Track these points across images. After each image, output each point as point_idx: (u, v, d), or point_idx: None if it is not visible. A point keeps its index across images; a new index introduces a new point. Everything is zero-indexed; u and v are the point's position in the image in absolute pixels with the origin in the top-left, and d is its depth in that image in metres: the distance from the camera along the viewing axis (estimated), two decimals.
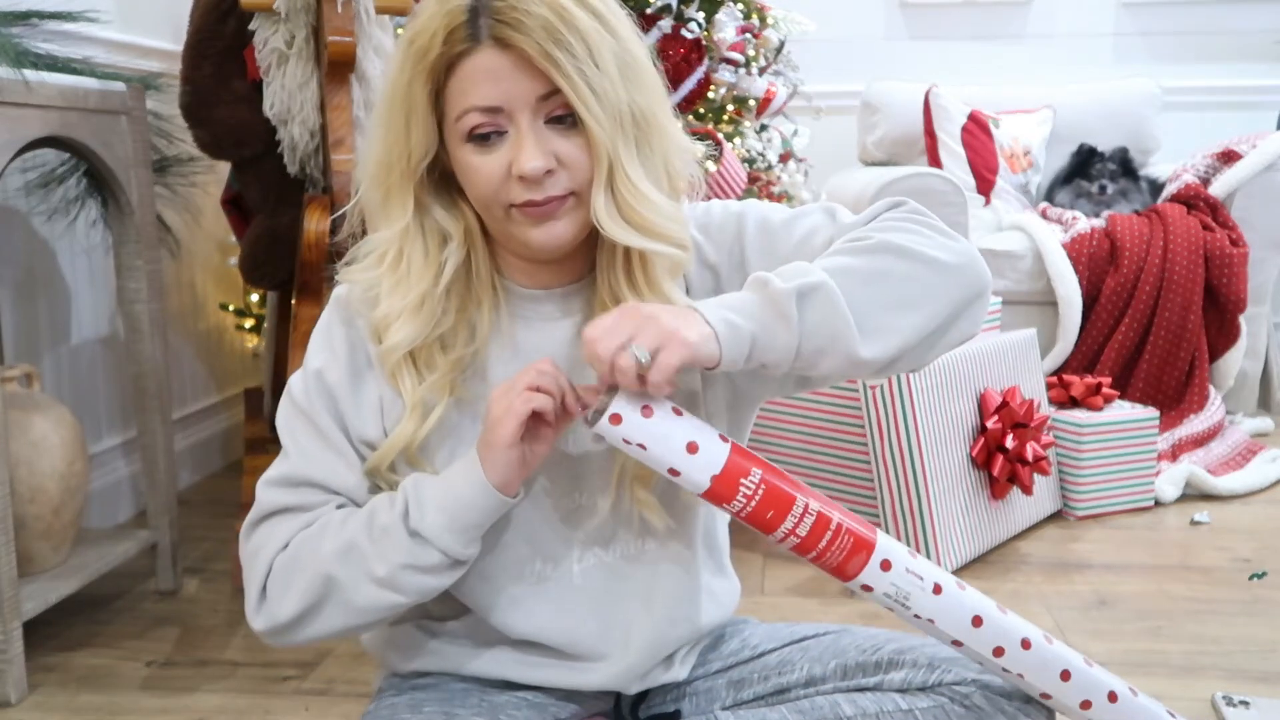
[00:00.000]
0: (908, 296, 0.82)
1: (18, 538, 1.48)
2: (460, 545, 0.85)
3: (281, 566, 0.88)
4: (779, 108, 2.51)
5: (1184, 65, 3.38)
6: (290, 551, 0.88)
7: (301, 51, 1.73)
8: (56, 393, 1.97)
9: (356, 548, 0.86)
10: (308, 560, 0.87)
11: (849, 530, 0.82)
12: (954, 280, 0.84)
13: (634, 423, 0.79)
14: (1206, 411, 2.56)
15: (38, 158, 1.85)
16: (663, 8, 2.22)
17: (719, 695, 1.01)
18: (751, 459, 0.82)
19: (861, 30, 3.47)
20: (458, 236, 0.89)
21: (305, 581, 0.87)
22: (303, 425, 0.91)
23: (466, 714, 0.92)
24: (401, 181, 0.87)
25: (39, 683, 1.50)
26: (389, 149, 0.86)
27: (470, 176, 0.85)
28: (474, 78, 0.81)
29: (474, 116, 0.82)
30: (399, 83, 0.84)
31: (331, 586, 0.86)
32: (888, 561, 0.83)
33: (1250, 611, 1.68)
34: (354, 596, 0.86)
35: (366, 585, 0.86)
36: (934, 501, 1.81)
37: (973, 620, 0.85)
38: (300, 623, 0.88)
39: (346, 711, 1.40)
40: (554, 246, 0.86)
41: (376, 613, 0.88)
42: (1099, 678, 0.89)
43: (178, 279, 2.38)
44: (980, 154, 3.02)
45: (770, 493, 0.81)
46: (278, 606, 0.88)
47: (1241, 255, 2.59)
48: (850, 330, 0.79)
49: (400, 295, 0.87)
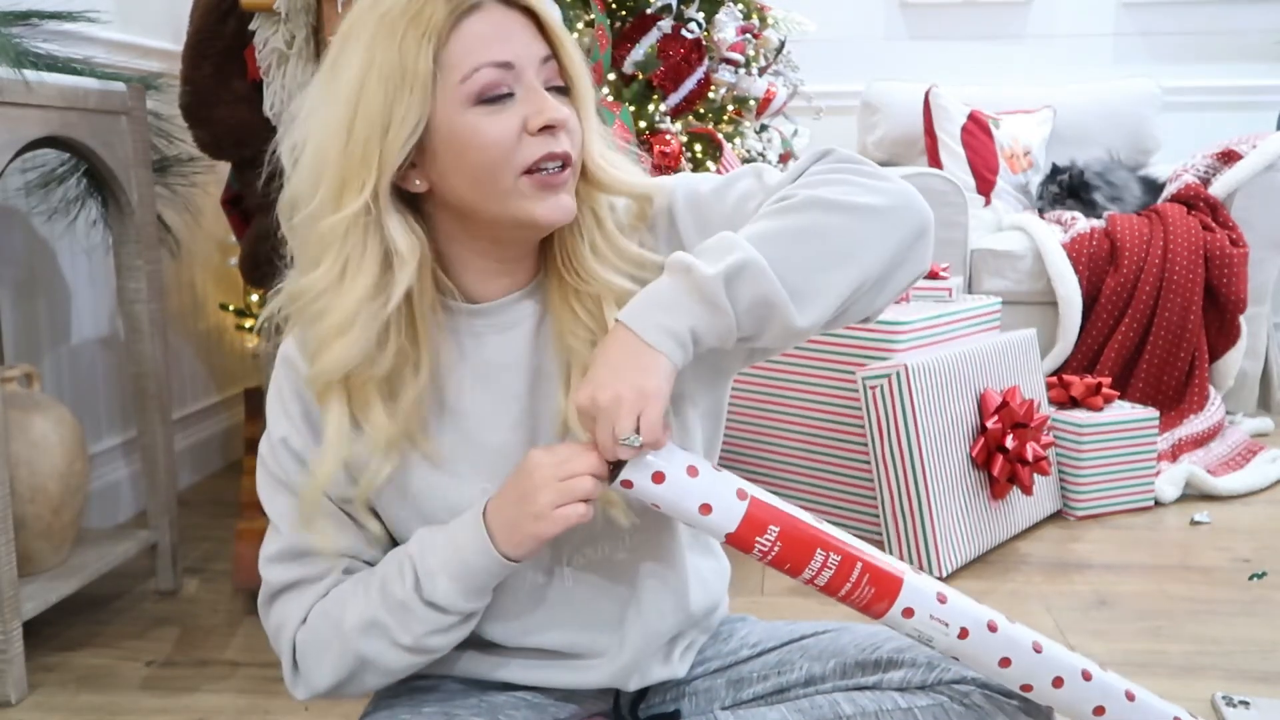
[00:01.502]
0: (841, 251, 0.80)
1: (18, 538, 1.48)
2: (477, 602, 0.88)
3: (305, 643, 0.90)
4: (779, 108, 2.51)
5: (1184, 65, 3.38)
6: (311, 626, 0.90)
7: (301, 51, 1.73)
8: (56, 393, 1.97)
9: (378, 624, 0.87)
10: (331, 636, 0.89)
11: (872, 578, 0.83)
12: (889, 225, 0.81)
13: (646, 489, 0.81)
14: (1206, 411, 2.56)
15: (38, 158, 1.85)
16: (663, 8, 2.22)
17: (718, 694, 1.01)
18: (769, 513, 0.82)
19: (861, 30, 3.48)
20: (411, 258, 0.82)
21: (335, 657, 0.89)
22: (284, 497, 0.91)
23: (466, 714, 0.92)
24: (364, 163, 0.79)
25: (39, 683, 1.50)
26: (363, 116, 0.79)
27: (477, 141, 0.80)
28: (483, 35, 0.80)
29: (487, 73, 0.80)
30: (387, 44, 0.78)
31: (362, 660, 0.89)
32: (910, 610, 0.84)
33: (1250, 611, 1.68)
34: (386, 664, 0.89)
35: (395, 652, 0.88)
36: (934, 501, 1.81)
37: (1000, 662, 0.86)
38: (340, 689, 0.91)
39: (346, 712, 1.40)
40: (560, 219, 0.84)
41: (411, 669, 0.91)
42: (1140, 707, 0.88)
43: (178, 279, 2.38)
44: (980, 154, 3.02)
45: (788, 546, 0.82)
46: (314, 679, 0.91)
47: (1241, 255, 2.59)
48: (784, 302, 0.78)
49: (336, 309, 0.81)
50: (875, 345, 1.92)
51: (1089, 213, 2.82)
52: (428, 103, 0.79)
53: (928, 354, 1.89)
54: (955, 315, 2.05)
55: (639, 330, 0.79)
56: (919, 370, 1.81)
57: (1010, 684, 0.87)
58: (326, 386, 0.85)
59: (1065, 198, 2.88)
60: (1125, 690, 0.88)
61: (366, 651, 0.88)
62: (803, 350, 2.01)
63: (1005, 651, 0.85)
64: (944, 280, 2.19)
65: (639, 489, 0.81)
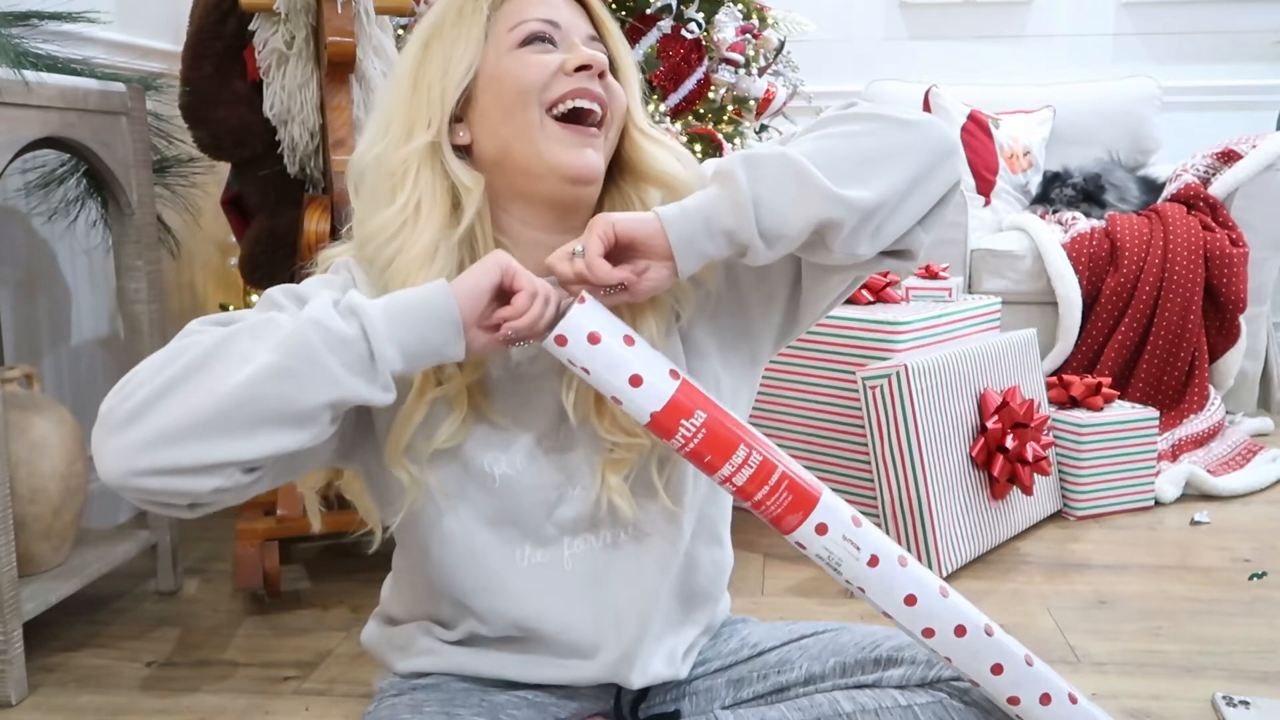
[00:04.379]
0: (876, 149, 0.81)
1: (18, 538, 1.48)
2: (384, 334, 0.75)
3: (173, 347, 0.76)
4: (779, 108, 2.51)
5: (1184, 65, 3.38)
6: (191, 337, 0.77)
7: (301, 52, 1.73)
8: (56, 393, 1.97)
9: (271, 321, 0.76)
10: (206, 336, 0.75)
11: (790, 486, 0.83)
12: (919, 134, 0.83)
13: (580, 347, 0.80)
14: (1206, 411, 2.56)
15: (38, 158, 1.85)
16: (663, 8, 2.22)
17: (718, 694, 1.01)
18: (699, 399, 0.82)
19: (861, 30, 3.48)
20: (476, 187, 0.87)
21: (189, 355, 0.73)
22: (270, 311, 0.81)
23: (467, 714, 0.92)
24: (430, 104, 0.87)
25: (39, 683, 1.50)
26: (426, 66, 0.88)
27: (516, 73, 0.87)
28: (535, 1, 0.89)
29: (534, 24, 0.88)
30: (443, 17, 0.88)
31: (212, 352, 0.73)
32: (824, 525, 0.83)
33: (1250, 611, 1.68)
34: (228, 366, 0.72)
35: (255, 354, 0.72)
36: (934, 501, 1.81)
37: (905, 599, 0.84)
38: (145, 410, 0.72)
39: (347, 712, 1.40)
40: (585, 173, 0.87)
41: (240, 388, 0.71)
42: (1036, 676, 0.87)
43: (178, 279, 2.38)
44: (980, 154, 3.02)
45: (711, 436, 0.82)
46: (134, 387, 0.74)
47: (1241, 255, 2.59)
48: (814, 174, 0.78)
49: (415, 243, 0.85)
50: (875, 345, 1.92)
51: (1099, 215, 2.83)
52: (479, 53, 0.87)
53: (928, 354, 1.89)
54: (955, 315, 2.05)
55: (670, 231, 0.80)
56: (919, 370, 1.81)
57: (912, 626, 0.85)
58: None
59: (1080, 201, 2.88)
60: (1025, 655, 0.88)
61: (223, 340, 0.73)
62: (803, 350, 2.01)
63: (910, 589, 0.84)
64: (944, 280, 2.19)
65: (572, 346, 0.80)
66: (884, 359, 1.90)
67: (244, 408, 0.71)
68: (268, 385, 0.72)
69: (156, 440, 0.72)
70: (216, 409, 0.71)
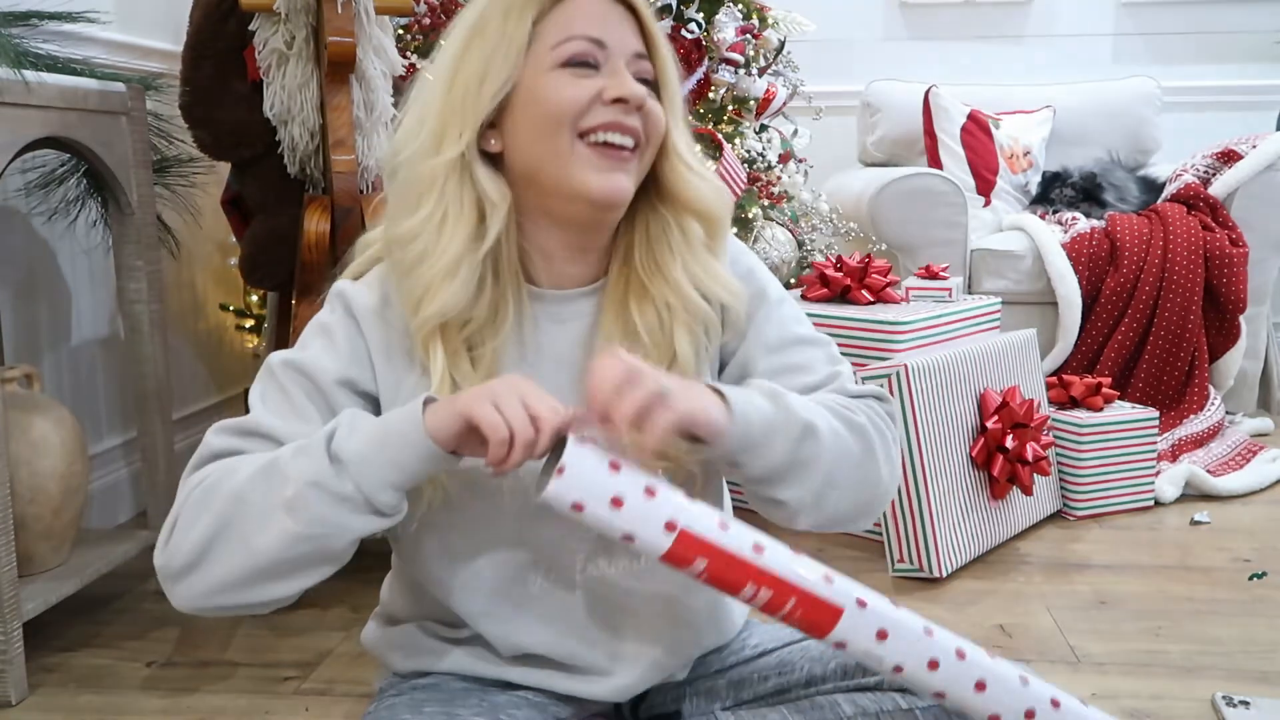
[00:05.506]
0: (847, 481, 0.88)
1: (18, 538, 1.48)
2: (376, 481, 0.78)
3: (199, 496, 0.82)
4: (779, 108, 2.51)
5: (1184, 65, 3.38)
6: (211, 479, 0.82)
7: (301, 52, 1.73)
8: (56, 393, 1.97)
9: (274, 467, 0.80)
10: (224, 486, 0.81)
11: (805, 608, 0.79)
12: (882, 495, 0.92)
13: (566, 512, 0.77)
14: (1206, 412, 2.56)
15: (38, 158, 1.85)
16: (663, 8, 2.22)
17: (719, 695, 1.01)
18: (700, 547, 0.78)
19: (861, 30, 3.48)
20: (502, 203, 0.87)
21: (215, 506, 0.80)
22: (273, 389, 0.88)
23: (467, 714, 0.92)
24: (462, 114, 0.85)
25: (39, 683, 1.50)
26: (462, 73, 0.86)
27: (554, 97, 0.84)
28: (585, 12, 0.85)
29: (578, 43, 0.85)
30: (488, 14, 0.86)
31: (237, 509, 0.79)
32: (843, 643, 0.81)
33: (1250, 611, 1.68)
34: (256, 525, 0.79)
35: (273, 512, 0.78)
36: (934, 501, 1.81)
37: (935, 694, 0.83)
38: (194, 562, 0.81)
39: (347, 712, 1.40)
40: (611, 198, 0.86)
41: (276, 548, 0.79)
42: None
43: (178, 279, 2.38)
44: (980, 154, 3.02)
45: (715, 579, 0.79)
46: (180, 542, 0.82)
47: (1241, 255, 2.59)
48: (816, 472, 0.85)
49: (439, 253, 0.85)
50: (875, 345, 1.92)
51: (1099, 215, 2.83)
52: (519, 64, 0.85)
53: (928, 354, 1.89)
54: (955, 315, 2.05)
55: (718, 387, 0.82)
56: (919, 370, 1.81)
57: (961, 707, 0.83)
58: (430, 334, 0.86)
59: (1080, 201, 2.88)
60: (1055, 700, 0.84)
61: (247, 494, 0.79)
62: None
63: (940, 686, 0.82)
64: (944, 280, 2.19)
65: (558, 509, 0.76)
66: (884, 359, 1.90)
67: (279, 565, 0.80)
68: (294, 548, 0.79)
69: (213, 591, 0.82)
70: (256, 568, 0.80)
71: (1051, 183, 2.98)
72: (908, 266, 2.63)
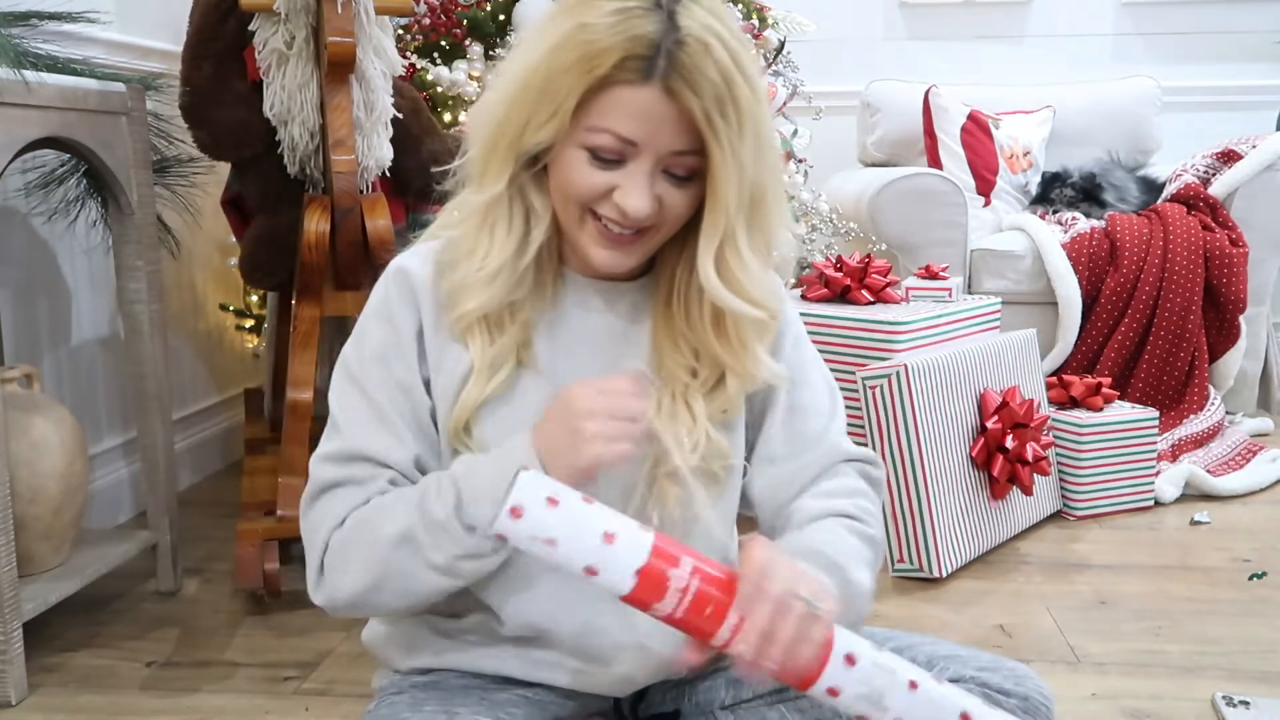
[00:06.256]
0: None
1: (18, 538, 1.48)
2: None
3: (339, 545, 0.90)
4: (779, 108, 2.51)
5: (1184, 65, 3.38)
6: (346, 530, 0.90)
7: (301, 52, 1.73)
8: (56, 393, 1.97)
9: (413, 538, 0.86)
10: (365, 542, 0.88)
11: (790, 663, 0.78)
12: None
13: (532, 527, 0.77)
14: (1206, 412, 2.56)
15: (38, 158, 1.85)
16: None
17: (718, 694, 1.01)
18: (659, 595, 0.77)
19: (861, 30, 3.48)
20: (546, 213, 0.90)
21: (362, 563, 0.88)
22: (357, 399, 0.92)
23: (467, 712, 0.91)
24: (506, 151, 0.87)
25: (39, 683, 1.50)
26: (512, 114, 0.86)
27: (570, 176, 0.86)
28: (627, 108, 0.82)
29: (608, 139, 0.83)
30: (555, 61, 0.82)
31: (389, 571, 0.87)
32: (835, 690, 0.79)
33: (1250, 611, 1.68)
34: (411, 583, 0.88)
35: (424, 572, 0.87)
36: (934, 501, 1.81)
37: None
38: (358, 602, 0.90)
39: (347, 711, 1.40)
40: (612, 270, 0.90)
41: (434, 595, 0.90)
42: None
43: (178, 279, 2.38)
44: (980, 154, 3.02)
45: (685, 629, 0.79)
46: (336, 585, 0.90)
47: (1241, 255, 2.59)
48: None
49: (478, 262, 0.89)
50: (875, 345, 1.92)
51: (1098, 215, 2.83)
52: (564, 124, 0.84)
53: (928, 354, 1.89)
54: (955, 315, 2.05)
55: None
56: (919, 370, 1.81)
57: None
58: (468, 327, 0.91)
59: (1080, 201, 2.88)
60: None
61: (395, 564, 0.87)
62: None
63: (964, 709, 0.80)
64: (944, 280, 2.19)
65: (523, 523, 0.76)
66: (884, 359, 1.90)
67: (433, 595, 0.91)
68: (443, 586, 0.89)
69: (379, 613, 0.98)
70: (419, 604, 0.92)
71: (1051, 183, 2.98)
72: (908, 266, 2.63)
